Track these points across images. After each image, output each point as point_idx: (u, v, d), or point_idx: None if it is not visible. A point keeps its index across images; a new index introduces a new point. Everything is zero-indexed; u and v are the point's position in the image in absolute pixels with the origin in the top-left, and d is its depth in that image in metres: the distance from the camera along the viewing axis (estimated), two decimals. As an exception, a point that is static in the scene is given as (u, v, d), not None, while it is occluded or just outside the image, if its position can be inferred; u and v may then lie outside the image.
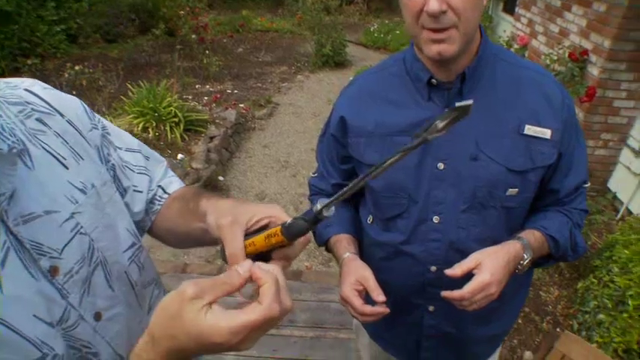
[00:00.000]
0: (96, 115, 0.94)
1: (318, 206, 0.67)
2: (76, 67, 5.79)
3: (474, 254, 1.16)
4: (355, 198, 1.47)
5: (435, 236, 1.26)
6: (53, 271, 0.73)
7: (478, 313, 1.22)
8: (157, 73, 7.09)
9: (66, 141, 0.82)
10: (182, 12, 8.46)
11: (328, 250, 1.50)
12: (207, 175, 4.64)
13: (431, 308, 1.35)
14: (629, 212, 3.98)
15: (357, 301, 1.21)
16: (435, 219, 1.24)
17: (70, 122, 0.85)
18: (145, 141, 4.65)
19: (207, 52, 7.82)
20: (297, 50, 9.77)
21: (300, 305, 3.09)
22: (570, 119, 1.22)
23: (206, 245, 0.93)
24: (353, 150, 1.33)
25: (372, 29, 10.77)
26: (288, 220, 0.70)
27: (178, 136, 4.91)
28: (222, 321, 0.57)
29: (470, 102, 0.60)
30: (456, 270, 1.13)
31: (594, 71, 4.15)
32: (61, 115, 0.84)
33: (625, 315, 2.51)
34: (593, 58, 4.22)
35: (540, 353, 1.73)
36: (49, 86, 0.87)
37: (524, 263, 1.20)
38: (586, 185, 1.34)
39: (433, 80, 1.19)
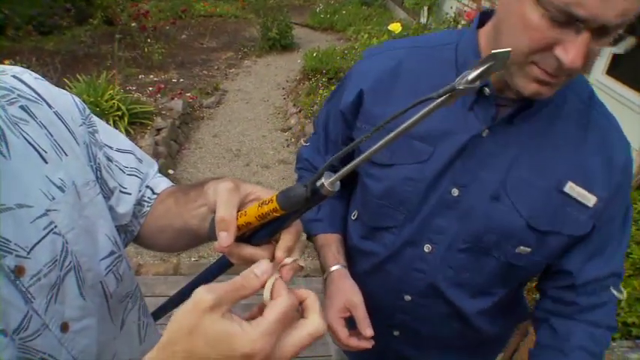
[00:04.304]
0: (88, 110, 0.88)
1: (323, 180, 0.56)
2: (6, 62, 5.47)
3: None
4: (349, 187, 1.28)
5: (420, 266, 1.10)
6: (18, 271, 0.65)
7: (444, 342, 1.17)
8: (97, 65, 6.78)
9: (50, 133, 0.76)
10: (119, -1, 8.12)
11: (310, 240, 1.35)
12: (156, 170, 4.47)
13: (395, 333, 1.25)
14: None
15: (343, 333, 1.10)
16: (427, 247, 1.08)
17: (57, 114, 0.79)
18: (88, 137, 4.45)
19: (149, 40, 7.56)
20: (243, 35, 9.57)
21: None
22: (624, 186, 0.99)
23: (202, 241, 0.85)
24: (358, 137, 1.09)
25: (317, 10, 10.66)
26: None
27: (123, 130, 4.69)
28: (249, 326, 0.51)
29: (508, 50, 0.48)
30: None
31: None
32: (49, 105, 0.78)
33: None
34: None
35: (515, 340, 1.72)
36: (41, 77, 0.81)
37: None
38: (617, 280, 1.06)
39: (486, 89, 0.95)
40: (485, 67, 0.47)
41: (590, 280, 1.03)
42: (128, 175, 0.92)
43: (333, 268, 1.18)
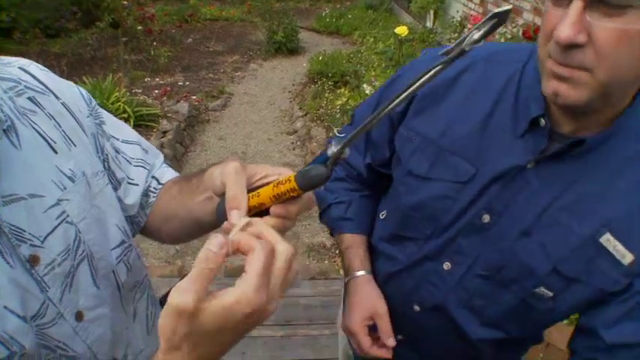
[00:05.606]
0: (94, 102, 0.89)
1: (334, 149, 0.56)
2: (15, 65, 5.47)
3: None
4: (381, 187, 1.23)
5: (435, 281, 1.07)
6: (33, 260, 0.65)
7: (444, 355, 1.16)
8: (103, 68, 6.80)
9: (59, 124, 0.76)
10: (125, 2, 8.14)
11: (333, 235, 1.31)
12: (161, 172, 4.47)
13: (399, 337, 1.21)
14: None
15: (367, 342, 1.10)
16: (446, 265, 1.04)
17: (65, 105, 0.79)
18: (93, 139, 4.46)
19: (155, 43, 7.58)
20: (249, 38, 9.59)
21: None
22: None
23: (205, 230, 0.85)
24: (399, 143, 1.07)
25: (323, 14, 10.66)
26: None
27: (129, 132, 4.70)
28: (239, 289, 0.52)
29: (509, 7, 0.50)
30: None
31: (547, 48, 4.18)
32: (56, 97, 0.79)
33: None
34: (545, 35, 4.25)
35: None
36: (46, 69, 0.81)
37: None
38: None
39: (542, 120, 0.87)
40: (488, 26, 0.49)
41: (619, 344, 0.90)
42: (135, 166, 0.92)
43: (360, 273, 1.17)
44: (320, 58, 7.02)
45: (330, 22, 10.20)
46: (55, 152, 0.73)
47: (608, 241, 0.87)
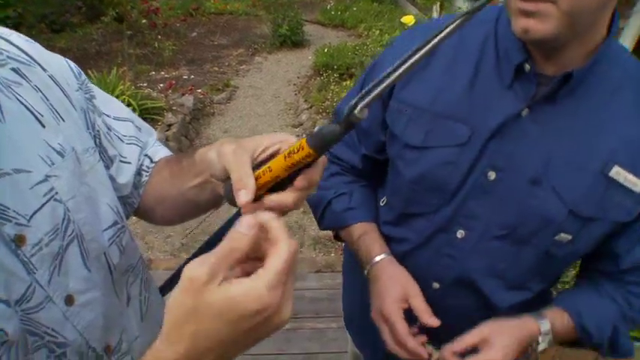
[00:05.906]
0: (83, 75, 0.84)
1: (352, 101, 0.51)
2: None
3: (481, 328, 0.95)
4: (377, 177, 1.21)
5: (450, 252, 1.03)
6: (19, 240, 0.61)
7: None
8: (108, 62, 6.79)
9: (46, 97, 0.71)
10: (130, -4, 8.13)
11: (339, 237, 1.25)
12: (166, 165, 4.46)
13: (417, 323, 1.14)
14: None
15: (403, 328, 0.99)
16: (460, 233, 1.01)
17: (52, 78, 0.74)
18: (99, 133, 4.46)
19: (159, 37, 7.56)
20: (254, 32, 9.55)
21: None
22: None
23: (201, 211, 0.84)
24: (391, 118, 1.04)
25: (328, 7, 10.60)
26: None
27: (134, 125, 4.70)
28: (252, 282, 0.49)
29: None
30: (455, 347, 0.96)
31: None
32: (43, 68, 0.74)
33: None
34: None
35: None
36: (32, 40, 0.76)
37: (537, 347, 0.98)
38: None
39: (526, 65, 0.89)
40: None
41: (635, 266, 0.97)
42: (127, 144, 0.88)
43: (381, 256, 1.09)
44: (325, 50, 6.98)
45: (335, 14, 10.14)
46: (43, 126, 0.69)
47: (618, 173, 0.89)
